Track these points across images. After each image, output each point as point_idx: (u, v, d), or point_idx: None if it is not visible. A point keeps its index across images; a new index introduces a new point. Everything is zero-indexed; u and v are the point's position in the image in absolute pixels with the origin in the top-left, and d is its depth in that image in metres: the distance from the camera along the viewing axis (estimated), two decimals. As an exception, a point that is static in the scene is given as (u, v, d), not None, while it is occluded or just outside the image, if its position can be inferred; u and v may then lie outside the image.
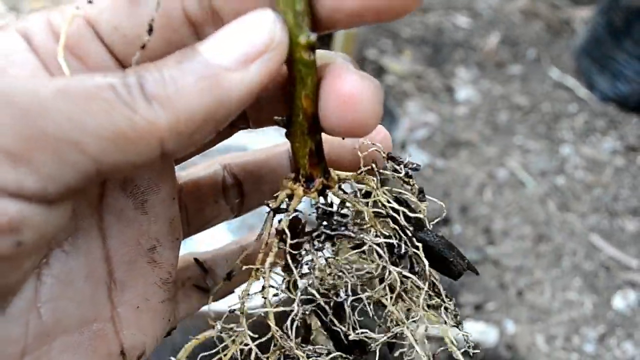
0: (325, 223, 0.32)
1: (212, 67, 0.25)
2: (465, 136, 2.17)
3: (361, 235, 0.32)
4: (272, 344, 0.31)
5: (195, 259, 0.37)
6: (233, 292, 0.37)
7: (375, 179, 0.33)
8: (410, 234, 0.32)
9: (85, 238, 0.29)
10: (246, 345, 0.31)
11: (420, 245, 0.32)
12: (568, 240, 1.80)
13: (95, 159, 0.23)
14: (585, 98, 2.42)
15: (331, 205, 0.32)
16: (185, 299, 0.36)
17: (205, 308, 0.36)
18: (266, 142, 0.38)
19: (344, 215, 0.32)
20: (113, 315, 0.30)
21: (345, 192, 0.33)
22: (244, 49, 0.25)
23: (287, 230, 0.31)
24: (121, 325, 0.31)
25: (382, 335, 0.32)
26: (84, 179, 0.24)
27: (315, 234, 0.32)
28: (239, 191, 0.37)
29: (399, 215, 0.32)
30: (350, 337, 0.32)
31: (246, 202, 0.37)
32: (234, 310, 0.32)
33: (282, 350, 0.31)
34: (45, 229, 0.24)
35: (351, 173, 0.33)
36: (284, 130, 0.31)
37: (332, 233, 0.32)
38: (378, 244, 0.32)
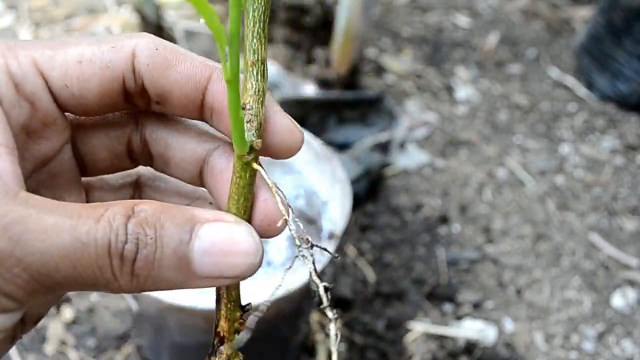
0: None
1: (193, 274, 0.29)
2: (464, 135, 2.17)
3: None
4: None
5: None
6: None
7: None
8: None
9: None
10: None
11: None
12: (567, 239, 1.80)
13: (67, 290, 0.29)
14: (585, 97, 2.42)
15: None
16: None
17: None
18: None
19: None
20: None
21: None
22: (225, 274, 0.30)
23: None
24: None
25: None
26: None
27: None
28: None
29: None
30: None
31: None
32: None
33: None
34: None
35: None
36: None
37: None
38: None
